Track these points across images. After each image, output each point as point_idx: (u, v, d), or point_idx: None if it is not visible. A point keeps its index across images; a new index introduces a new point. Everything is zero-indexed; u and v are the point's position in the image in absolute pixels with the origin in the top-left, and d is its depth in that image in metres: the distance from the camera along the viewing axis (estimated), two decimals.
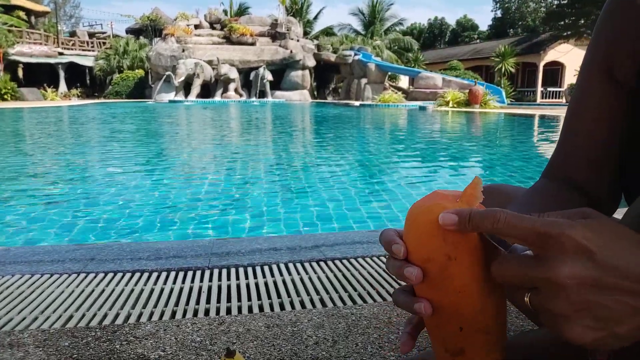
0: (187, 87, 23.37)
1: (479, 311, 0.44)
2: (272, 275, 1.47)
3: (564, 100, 25.58)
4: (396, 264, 0.44)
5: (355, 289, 1.34)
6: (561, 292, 0.34)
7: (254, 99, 23.63)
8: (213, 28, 26.76)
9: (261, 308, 1.23)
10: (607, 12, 0.62)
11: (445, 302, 0.43)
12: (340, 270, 1.51)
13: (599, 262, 0.34)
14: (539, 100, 27.17)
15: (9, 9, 27.73)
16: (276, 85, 24.77)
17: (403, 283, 0.46)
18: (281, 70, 24.88)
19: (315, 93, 27.09)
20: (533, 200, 0.62)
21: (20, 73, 25.90)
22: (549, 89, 27.68)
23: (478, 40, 41.17)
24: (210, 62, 23.63)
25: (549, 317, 0.36)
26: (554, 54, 27.21)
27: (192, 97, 22.93)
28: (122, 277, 1.46)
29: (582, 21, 23.77)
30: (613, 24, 0.61)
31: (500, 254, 0.42)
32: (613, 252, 0.34)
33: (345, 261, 1.59)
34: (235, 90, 23.78)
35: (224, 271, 1.51)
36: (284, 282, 1.42)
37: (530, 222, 0.36)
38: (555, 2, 28.65)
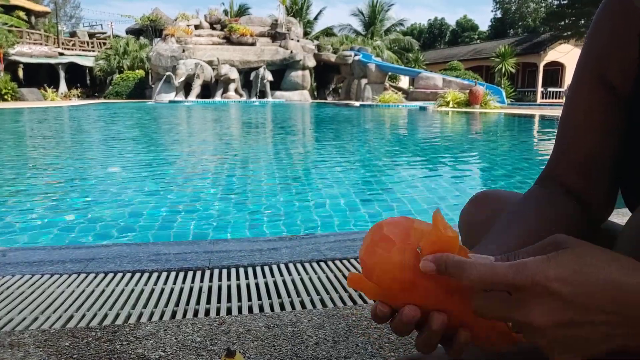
0: (187, 87, 23.36)
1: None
2: (272, 275, 1.47)
3: (564, 101, 25.52)
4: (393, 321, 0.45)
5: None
6: (538, 332, 0.38)
7: (254, 99, 23.63)
8: (213, 28, 26.76)
9: (261, 308, 1.23)
10: (599, 16, 0.62)
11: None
12: (340, 270, 1.51)
13: (572, 304, 0.36)
14: (539, 100, 27.16)
15: (9, 9, 27.73)
16: (276, 85, 24.77)
17: None
18: (281, 71, 24.87)
19: (315, 93, 27.08)
20: (525, 210, 0.62)
21: (20, 73, 25.90)
22: (549, 89, 27.67)
23: (478, 41, 41.16)
24: (210, 63, 23.63)
25: (532, 343, 0.39)
26: (554, 54, 27.20)
27: (192, 97, 22.92)
28: (122, 277, 1.46)
29: (582, 21, 23.75)
30: (605, 29, 0.60)
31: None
32: (587, 289, 0.36)
33: (345, 261, 1.59)
34: (236, 91, 23.77)
35: (224, 271, 1.51)
36: (284, 282, 1.42)
37: (501, 274, 0.38)
38: (555, 2, 28.64)
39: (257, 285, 1.40)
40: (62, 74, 27.15)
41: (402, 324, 0.44)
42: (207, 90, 23.96)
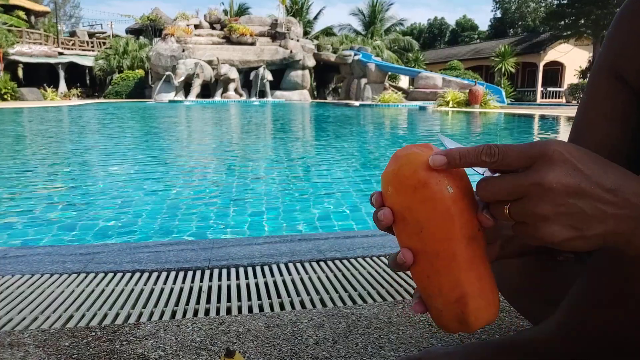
0: (187, 87, 23.37)
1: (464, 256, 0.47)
2: (272, 275, 1.47)
3: (564, 100, 25.58)
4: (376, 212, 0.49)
5: (355, 289, 1.34)
6: (548, 194, 0.40)
7: (254, 99, 23.63)
8: (213, 28, 26.76)
9: (261, 308, 1.24)
10: (620, 15, 0.62)
11: (435, 249, 0.47)
12: (340, 270, 1.51)
13: (581, 172, 0.40)
14: (539, 100, 27.17)
15: (9, 9, 27.74)
16: (276, 85, 24.78)
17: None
18: (281, 70, 24.88)
19: (315, 93, 27.08)
20: None
21: (20, 73, 25.88)
22: (549, 89, 27.68)
23: (478, 40, 41.17)
24: (210, 62, 23.63)
25: (528, 220, 0.41)
26: (554, 54, 27.21)
27: (192, 97, 22.93)
28: (122, 277, 1.46)
29: (582, 21, 23.74)
30: (625, 27, 0.61)
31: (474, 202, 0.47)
32: (590, 165, 0.41)
33: (345, 261, 1.59)
34: (235, 90, 23.77)
35: (224, 271, 1.51)
36: (284, 282, 1.42)
37: (520, 147, 0.42)
38: (555, 2, 28.64)
39: (257, 285, 1.40)
40: (61, 74, 27.15)
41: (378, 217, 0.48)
42: (207, 90, 23.96)
